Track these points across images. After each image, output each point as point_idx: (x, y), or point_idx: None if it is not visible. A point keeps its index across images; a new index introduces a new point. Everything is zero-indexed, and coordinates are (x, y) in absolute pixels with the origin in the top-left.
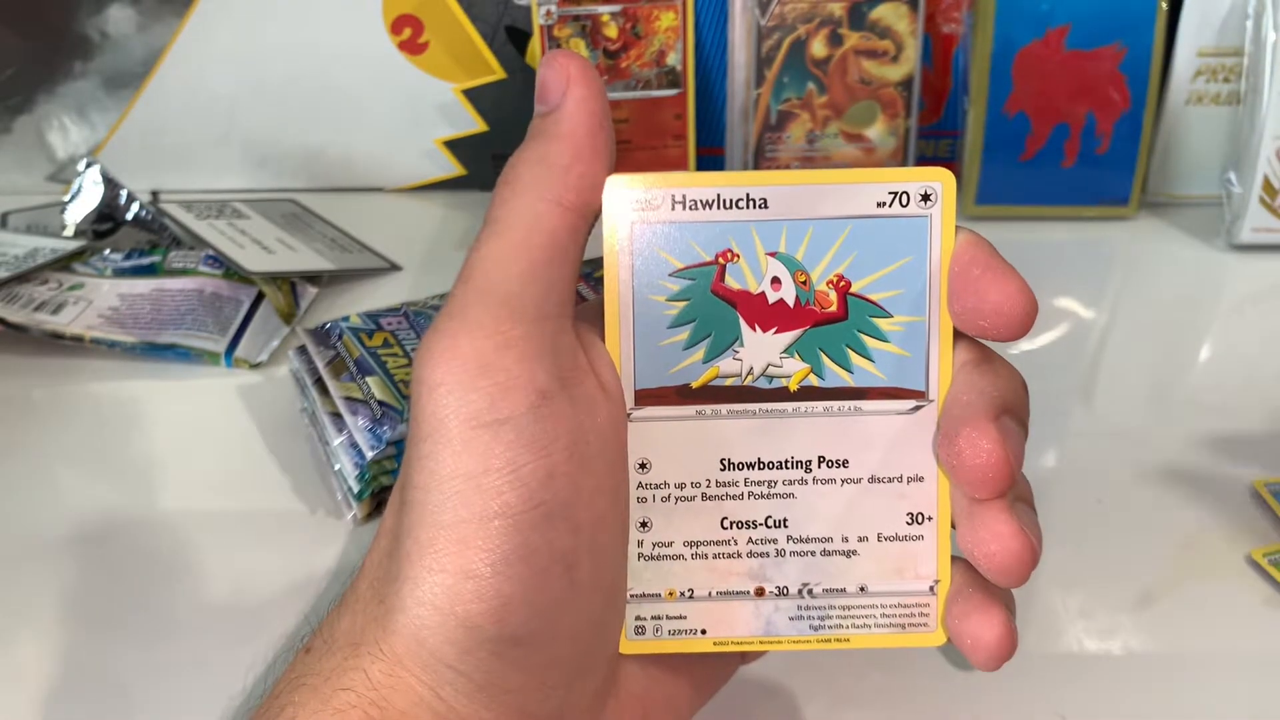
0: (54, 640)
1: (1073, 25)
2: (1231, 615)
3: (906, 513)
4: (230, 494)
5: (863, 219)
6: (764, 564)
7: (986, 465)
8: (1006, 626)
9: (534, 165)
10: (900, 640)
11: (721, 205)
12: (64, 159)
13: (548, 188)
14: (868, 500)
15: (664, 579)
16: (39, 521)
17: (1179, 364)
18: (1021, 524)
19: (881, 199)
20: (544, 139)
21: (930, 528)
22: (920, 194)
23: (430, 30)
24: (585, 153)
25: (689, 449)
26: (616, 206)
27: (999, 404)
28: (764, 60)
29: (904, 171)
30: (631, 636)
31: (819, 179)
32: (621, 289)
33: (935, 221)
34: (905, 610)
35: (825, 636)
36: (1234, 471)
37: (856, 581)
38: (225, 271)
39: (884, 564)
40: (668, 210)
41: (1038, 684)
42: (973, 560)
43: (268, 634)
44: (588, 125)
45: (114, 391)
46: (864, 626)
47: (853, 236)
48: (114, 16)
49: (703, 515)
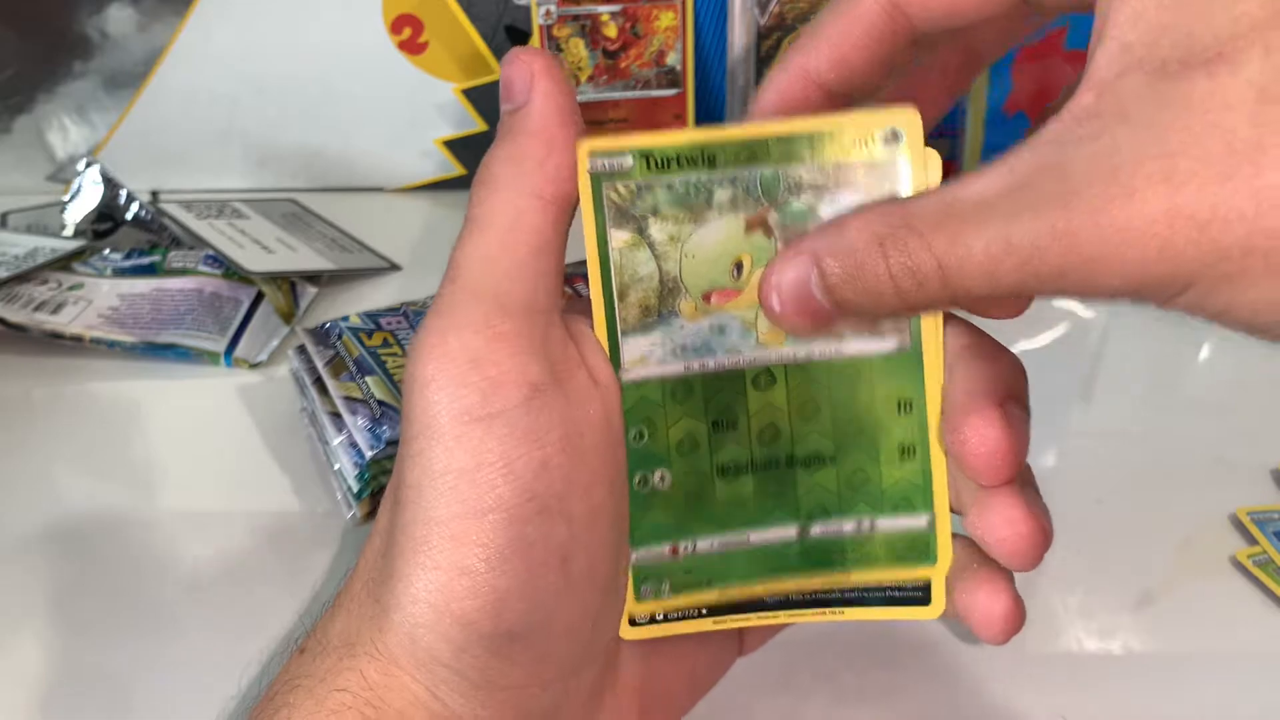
0: (53, 640)
1: (1072, 25)
2: (1231, 615)
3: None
4: (230, 494)
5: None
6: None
7: (995, 453)
8: (1014, 598)
9: (508, 162)
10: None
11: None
12: (64, 159)
13: (525, 183)
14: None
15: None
16: (39, 521)
17: (1179, 364)
18: (1032, 507)
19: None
20: (515, 135)
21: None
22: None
23: (430, 30)
24: (558, 145)
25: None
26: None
27: (1002, 390)
28: (763, 60)
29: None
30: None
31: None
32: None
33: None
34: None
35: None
36: (1234, 472)
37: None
38: (225, 271)
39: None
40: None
41: (1038, 684)
42: (985, 546)
43: (266, 633)
44: (558, 118)
45: (114, 391)
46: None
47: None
48: (114, 16)
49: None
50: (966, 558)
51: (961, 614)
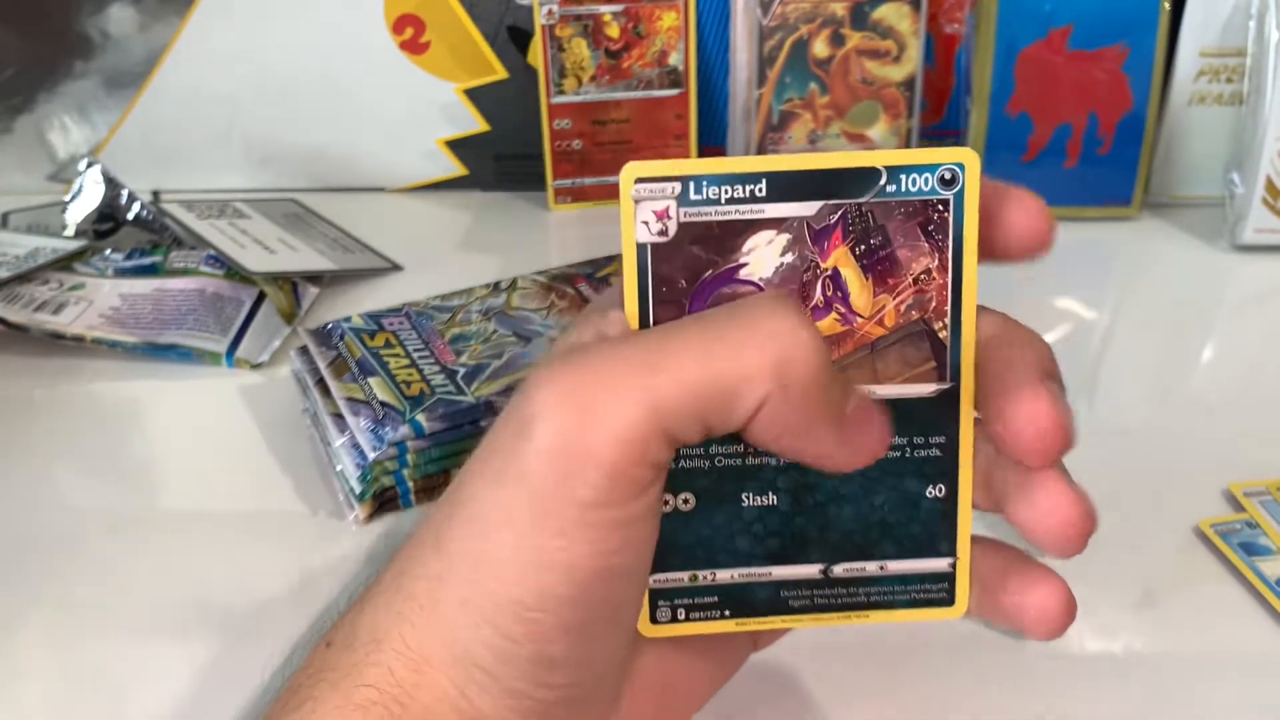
0: (54, 640)
1: (1075, 25)
2: (1232, 615)
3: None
4: (231, 494)
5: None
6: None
7: (1047, 430)
8: (1068, 589)
9: None
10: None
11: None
12: (65, 159)
13: None
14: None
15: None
16: (39, 521)
17: (1181, 364)
18: (1077, 490)
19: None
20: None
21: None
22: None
23: (432, 30)
24: None
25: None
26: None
27: (1040, 370)
28: (766, 60)
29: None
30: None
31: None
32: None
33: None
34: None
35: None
36: (1235, 471)
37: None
38: (227, 271)
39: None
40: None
41: (1038, 684)
42: (1031, 534)
43: (269, 634)
44: None
45: (115, 392)
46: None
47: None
48: (115, 16)
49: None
50: (1006, 559)
51: (1012, 615)
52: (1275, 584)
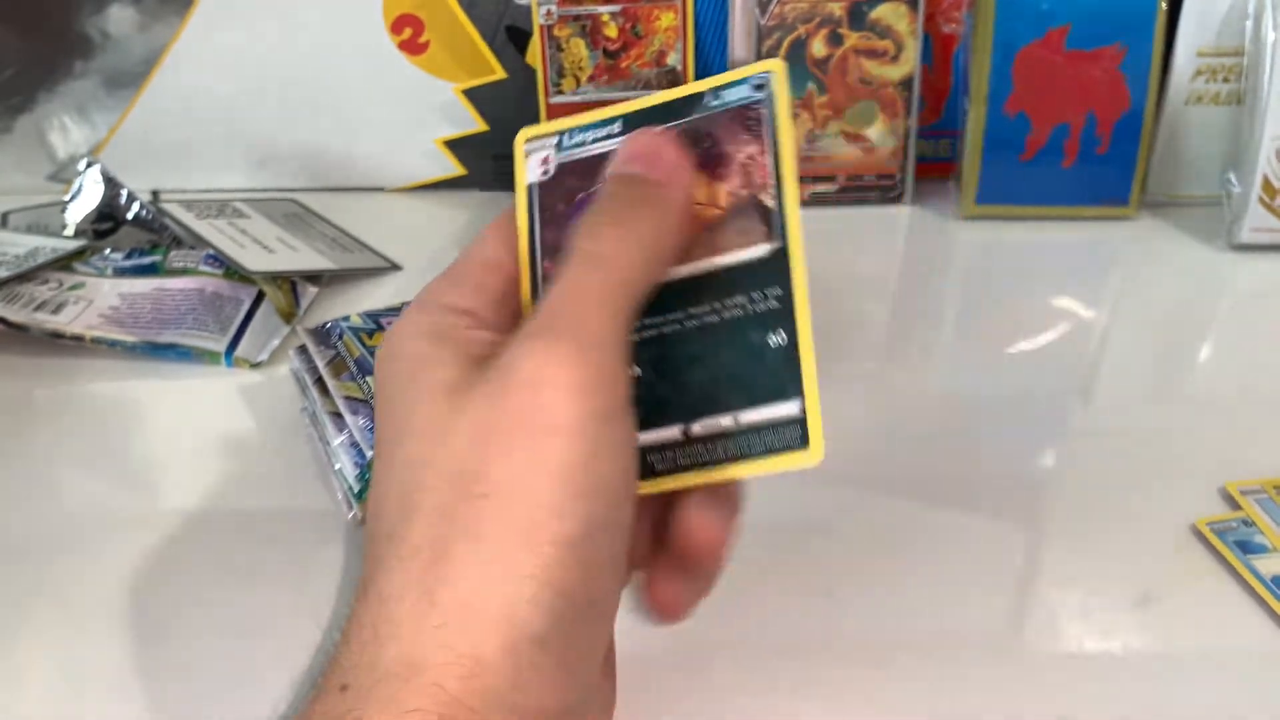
0: (54, 640)
1: (1073, 25)
2: (1228, 614)
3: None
4: (230, 494)
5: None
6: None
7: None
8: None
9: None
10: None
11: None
12: (64, 158)
13: None
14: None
15: None
16: (39, 521)
17: (1178, 364)
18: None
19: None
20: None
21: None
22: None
23: (430, 30)
24: None
25: None
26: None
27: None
28: (764, 60)
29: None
30: None
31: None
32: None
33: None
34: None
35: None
36: (1231, 470)
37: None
38: (226, 271)
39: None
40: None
41: (1038, 684)
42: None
43: (268, 634)
44: None
45: (114, 391)
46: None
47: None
48: (115, 16)
49: None
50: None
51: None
52: (1271, 582)
